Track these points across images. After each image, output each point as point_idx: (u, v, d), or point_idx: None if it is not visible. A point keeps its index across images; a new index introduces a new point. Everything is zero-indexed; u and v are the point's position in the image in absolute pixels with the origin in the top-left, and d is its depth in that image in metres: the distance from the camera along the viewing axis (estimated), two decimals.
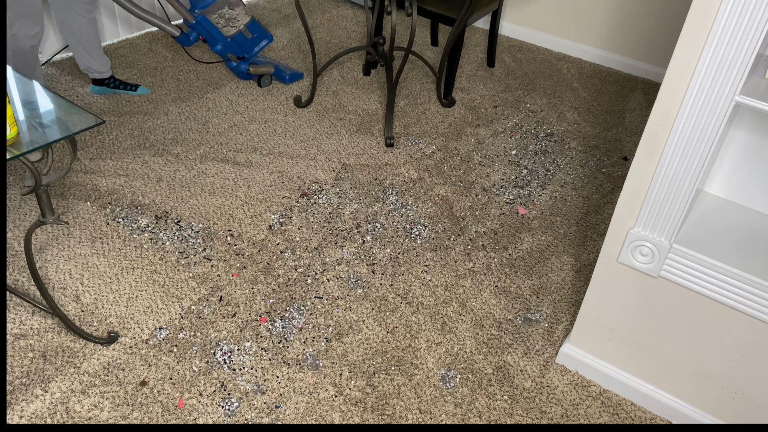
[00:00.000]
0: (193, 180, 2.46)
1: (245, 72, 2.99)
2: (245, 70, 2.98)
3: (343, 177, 2.55)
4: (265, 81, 3.06)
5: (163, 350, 1.83)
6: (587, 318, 1.81)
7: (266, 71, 3.02)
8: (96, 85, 2.87)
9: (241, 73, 3.01)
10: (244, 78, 3.07)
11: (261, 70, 3.01)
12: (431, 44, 3.63)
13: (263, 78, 3.04)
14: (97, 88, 2.88)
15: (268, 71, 3.03)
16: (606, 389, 1.85)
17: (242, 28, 2.88)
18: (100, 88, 2.87)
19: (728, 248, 1.53)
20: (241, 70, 2.98)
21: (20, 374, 1.72)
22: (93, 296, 1.96)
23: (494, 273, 2.19)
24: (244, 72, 2.99)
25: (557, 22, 3.61)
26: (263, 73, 3.02)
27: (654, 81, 3.44)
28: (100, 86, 2.87)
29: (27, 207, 2.25)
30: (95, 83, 2.86)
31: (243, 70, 2.98)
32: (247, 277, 2.08)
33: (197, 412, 1.68)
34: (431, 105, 3.06)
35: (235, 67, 2.98)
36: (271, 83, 3.08)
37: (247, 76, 3.05)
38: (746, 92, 1.31)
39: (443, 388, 1.80)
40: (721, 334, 1.59)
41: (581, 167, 2.75)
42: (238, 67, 2.98)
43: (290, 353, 1.85)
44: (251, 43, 2.97)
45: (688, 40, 1.33)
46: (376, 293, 2.07)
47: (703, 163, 1.42)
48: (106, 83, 2.86)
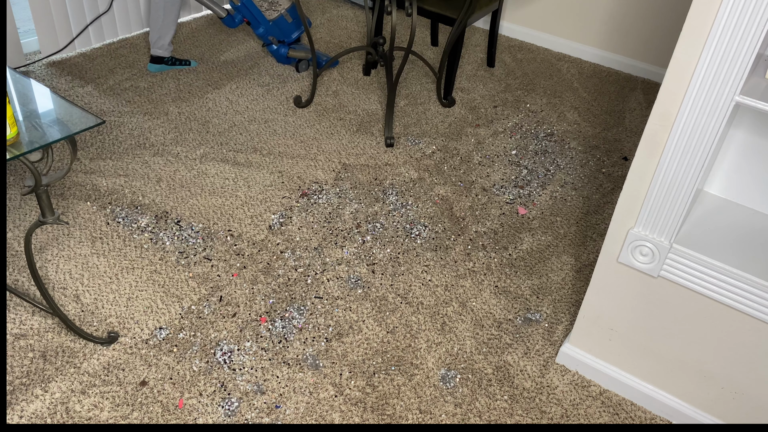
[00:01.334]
0: (193, 180, 2.46)
1: (284, 55, 3.06)
2: (285, 53, 3.05)
3: (343, 177, 2.55)
4: (303, 66, 3.16)
5: (163, 350, 1.83)
6: (587, 318, 1.81)
7: (305, 55, 3.12)
8: (155, 63, 3.07)
9: (280, 57, 3.07)
10: (283, 62, 3.13)
11: (300, 54, 3.10)
12: (431, 44, 3.63)
13: (301, 63, 3.15)
14: (155, 66, 3.07)
15: (307, 56, 3.12)
16: (606, 389, 1.85)
17: (283, 12, 2.96)
18: (158, 66, 3.08)
19: (728, 248, 1.53)
20: (281, 53, 3.05)
21: (20, 374, 1.72)
22: (93, 296, 1.96)
23: (494, 273, 2.19)
24: (284, 55, 3.06)
25: (557, 22, 3.61)
26: (302, 57, 3.11)
27: (654, 81, 3.44)
28: (159, 64, 3.07)
29: (27, 207, 2.25)
30: (154, 61, 3.07)
31: (283, 54, 3.05)
32: (247, 277, 2.08)
33: (197, 412, 1.68)
34: (431, 105, 3.06)
35: (275, 50, 3.04)
36: (308, 68, 3.19)
37: (286, 60, 3.11)
38: (746, 92, 1.31)
39: (443, 388, 1.80)
40: (721, 334, 1.59)
41: (581, 167, 2.75)
42: (278, 51, 3.04)
43: (290, 353, 1.85)
44: (291, 28, 3.05)
45: (688, 40, 1.33)
46: (376, 293, 2.07)
47: (703, 163, 1.42)
48: (165, 61, 3.08)
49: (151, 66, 3.07)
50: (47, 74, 2.97)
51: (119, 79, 3.01)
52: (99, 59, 3.14)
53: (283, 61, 3.14)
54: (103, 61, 3.13)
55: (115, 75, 3.03)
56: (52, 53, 3.08)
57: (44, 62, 3.05)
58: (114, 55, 3.20)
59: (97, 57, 3.16)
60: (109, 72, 3.05)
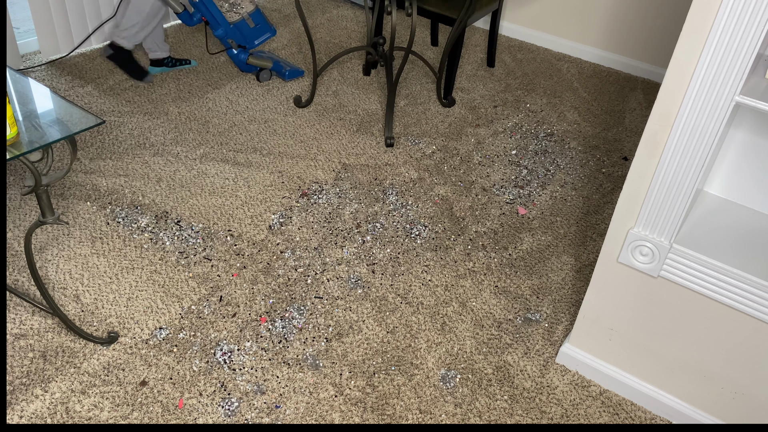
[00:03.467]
0: (193, 180, 2.46)
1: (244, 62, 2.98)
2: (244, 59, 2.97)
3: (343, 177, 2.55)
4: (264, 75, 3.05)
5: (163, 350, 1.83)
6: (587, 318, 1.81)
7: (265, 64, 3.02)
8: (155, 66, 3.05)
9: (240, 63, 3.00)
10: (243, 68, 3.05)
11: (260, 63, 3.00)
12: (431, 44, 3.63)
13: (262, 72, 3.04)
14: (156, 68, 3.05)
15: (267, 65, 3.02)
16: (606, 389, 1.85)
17: (245, 15, 2.87)
18: (159, 68, 3.05)
19: (728, 248, 1.53)
20: (241, 59, 2.97)
21: (20, 374, 1.72)
22: (93, 296, 1.96)
23: (494, 273, 2.19)
24: (243, 62, 2.98)
25: (557, 22, 3.61)
26: (262, 66, 3.01)
27: (654, 81, 3.44)
28: (160, 66, 3.05)
29: (27, 207, 2.25)
30: (154, 64, 3.05)
31: (242, 60, 2.97)
32: (247, 277, 2.08)
33: (197, 412, 1.68)
34: (431, 105, 3.06)
35: (235, 55, 2.97)
36: (270, 78, 3.08)
37: (246, 67, 3.03)
38: (746, 92, 1.31)
39: (443, 388, 1.80)
40: (721, 334, 1.59)
41: (581, 167, 2.75)
42: (238, 56, 2.97)
43: (290, 353, 1.85)
44: (253, 33, 2.95)
45: (688, 40, 1.33)
46: (376, 293, 2.07)
47: (703, 163, 1.42)
48: (165, 63, 3.05)
49: (151, 69, 3.06)
50: (47, 74, 2.97)
51: (119, 79, 3.01)
52: (99, 59, 3.14)
53: (243, 68, 3.05)
54: (103, 61, 3.13)
55: (115, 75, 3.03)
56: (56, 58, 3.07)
57: (44, 62, 3.05)
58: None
59: (97, 57, 3.16)
60: (109, 72, 3.05)
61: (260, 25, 2.95)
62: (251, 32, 2.95)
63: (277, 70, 3.07)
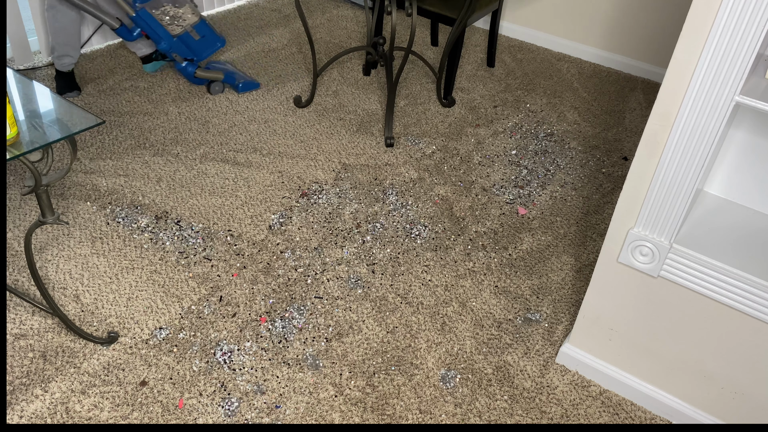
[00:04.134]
0: (193, 180, 2.46)
1: (192, 75, 2.89)
2: (192, 72, 2.88)
3: (343, 177, 2.55)
4: (215, 88, 2.94)
5: (163, 350, 1.83)
6: (587, 318, 1.81)
7: (215, 77, 2.91)
8: (146, 63, 3.02)
9: (188, 76, 2.91)
10: (193, 82, 2.96)
11: (209, 75, 2.90)
12: (431, 44, 3.63)
13: (213, 84, 2.93)
14: (149, 66, 3.02)
15: (217, 77, 2.91)
16: (606, 389, 1.85)
17: (188, 28, 2.76)
18: (151, 64, 3.02)
19: (728, 248, 1.53)
20: (188, 72, 2.88)
21: (20, 374, 1.72)
22: (93, 296, 1.96)
23: (494, 273, 2.19)
24: (191, 75, 2.89)
25: (557, 22, 3.61)
26: (212, 79, 2.91)
27: (654, 81, 3.44)
28: (150, 62, 3.02)
29: (27, 207, 2.25)
30: (145, 61, 3.03)
31: (190, 73, 2.89)
32: (247, 277, 2.08)
33: (197, 412, 1.68)
34: (431, 105, 3.06)
35: (183, 68, 2.88)
36: (223, 91, 2.97)
37: (195, 80, 2.94)
38: (746, 92, 1.31)
39: (443, 388, 1.80)
40: (721, 334, 1.59)
41: (581, 167, 2.75)
42: (186, 69, 2.88)
43: (290, 353, 1.85)
44: (199, 45, 2.85)
45: (688, 40, 1.33)
46: (376, 293, 2.07)
47: (703, 163, 1.42)
48: (154, 57, 3.01)
49: (145, 67, 3.04)
50: (47, 74, 2.97)
51: (119, 79, 3.01)
52: (99, 59, 3.14)
53: (192, 81, 2.95)
54: (103, 61, 3.13)
55: (115, 75, 3.03)
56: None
57: (45, 62, 3.05)
58: (114, 55, 3.19)
59: (97, 57, 3.16)
60: (109, 72, 3.05)
61: (207, 37, 2.85)
62: (197, 44, 2.84)
63: (230, 82, 2.96)
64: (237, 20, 3.68)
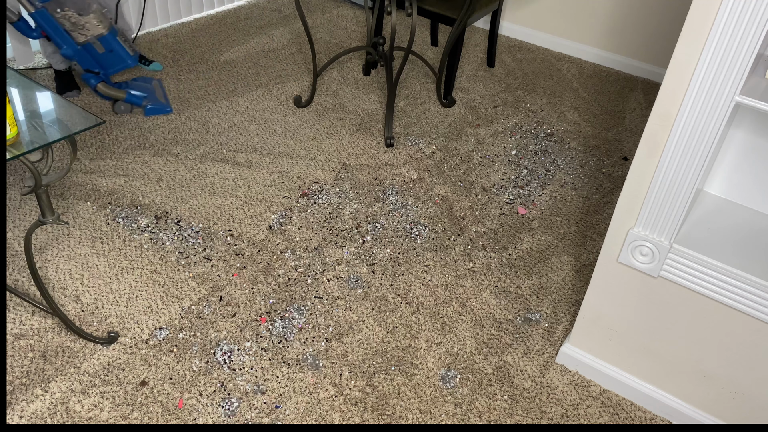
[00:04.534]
0: (193, 180, 2.46)
1: (94, 87, 2.71)
2: (93, 85, 2.70)
3: (343, 177, 2.55)
4: (119, 107, 2.75)
5: (163, 350, 1.83)
6: (587, 318, 1.81)
7: (117, 96, 2.73)
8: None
9: (92, 88, 2.72)
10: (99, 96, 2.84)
11: (110, 93, 2.71)
12: (431, 44, 3.63)
13: (116, 103, 2.75)
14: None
15: (119, 96, 2.73)
16: (606, 389, 1.85)
17: (91, 38, 2.58)
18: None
19: (728, 248, 1.53)
20: (90, 84, 2.70)
21: (20, 374, 1.72)
22: (93, 296, 1.96)
23: (494, 273, 2.19)
24: (93, 88, 2.72)
25: (557, 22, 3.61)
26: (113, 97, 2.73)
27: (654, 81, 3.44)
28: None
29: (27, 207, 2.25)
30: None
31: (92, 85, 2.70)
32: (247, 277, 2.08)
33: (197, 412, 1.68)
34: (431, 105, 3.06)
35: (86, 78, 2.70)
36: (130, 111, 2.77)
37: (99, 95, 2.80)
38: (746, 92, 1.31)
39: (443, 388, 1.80)
40: (721, 334, 1.59)
41: (581, 167, 2.75)
42: (88, 80, 2.69)
43: (290, 353, 1.85)
44: (104, 59, 2.67)
45: (688, 40, 1.33)
46: (376, 293, 2.07)
47: (703, 163, 1.42)
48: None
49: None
50: (47, 74, 2.97)
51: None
52: None
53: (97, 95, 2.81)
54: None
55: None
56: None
57: (44, 62, 3.05)
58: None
59: None
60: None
61: (115, 51, 2.66)
62: (103, 58, 2.67)
63: (135, 102, 2.76)
64: (237, 20, 3.68)
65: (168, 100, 2.85)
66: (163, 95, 2.87)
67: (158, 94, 2.86)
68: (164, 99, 2.84)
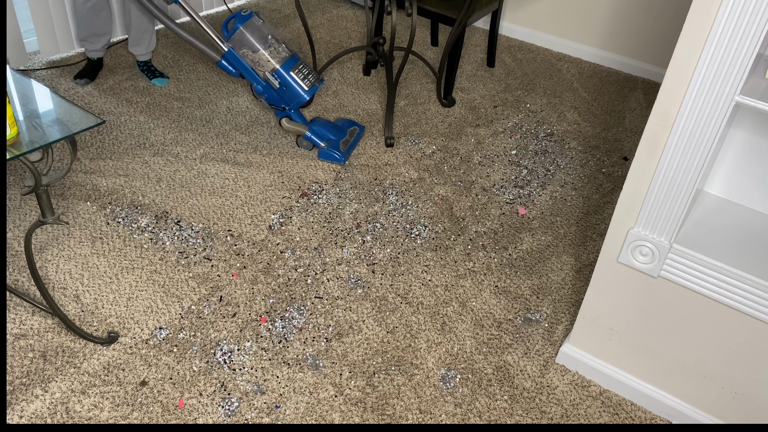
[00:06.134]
0: (193, 180, 2.46)
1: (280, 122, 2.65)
2: (279, 119, 2.65)
3: (343, 177, 2.55)
4: (302, 142, 2.67)
5: (163, 350, 1.83)
6: (587, 318, 1.81)
7: (298, 130, 2.63)
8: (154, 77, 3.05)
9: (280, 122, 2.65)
10: None
11: (293, 128, 2.63)
12: (431, 44, 3.63)
13: (299, 138, 2.67)
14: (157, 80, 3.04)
15: (299, 131, 2.63)
16: (606, 389, 1.85)
17: (266, 74, 2.52)
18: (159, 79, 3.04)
19: (728, 248, 1.53)
20: (278, 117, 2.66)
21: (20, 374, 1.72)
22: (93, 296, 1.96)
23: (494, 273, 2.19)
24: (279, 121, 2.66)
25: (557, 22, 3.61)
26: (296, 132, 2.65)
27: (654, 81, 3.44)
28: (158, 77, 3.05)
29: (27, 207, 2.25)
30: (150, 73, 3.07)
31: (279, 118, 2.66)
32: (247, 277, 2.08)
33: (197, 412, 1.68)
34: (431, 105, 3.06)
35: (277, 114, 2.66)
36: (312, 149, 2.68)
37: None
38: (746, 92, 1.31)
39: (443, 388, 1.80)
40: (721, 334, 1.59)
41: (581, 167, 2.75)
42: (277, 114, 2.66)
43: (290, 353, 1.85)
44: (279, 95, 2.57)
45: (688, 40, 1.33)
46: (376, 293, 2.07)
47: (703, 163, 1.42)
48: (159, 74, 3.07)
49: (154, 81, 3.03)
50: (47, 74, 2.97)
51: (119, 79, 3.01)
52: None
53: None
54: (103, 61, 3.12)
55: (115, 75, 3.03)
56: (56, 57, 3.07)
57: (44, 62, 3.05)
58: (114, 55, 3.19)
59: None
60: (109, 72, 3.05)
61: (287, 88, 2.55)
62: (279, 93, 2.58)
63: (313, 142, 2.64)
64: None
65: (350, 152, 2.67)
66: (350, 145, 2.67)
67: (344, 140, 2.67)
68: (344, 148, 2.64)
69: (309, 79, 2.57)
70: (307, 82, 2.56)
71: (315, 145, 2.65)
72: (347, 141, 2.68)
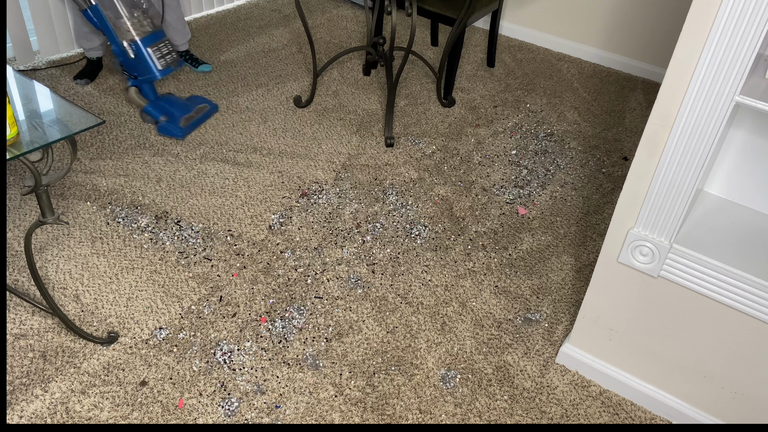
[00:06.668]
0: (193, 180, 2.46)
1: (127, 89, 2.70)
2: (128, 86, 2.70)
3: (343, 177, 2.55)
4: (145, 117, 2.71)
5: (163, 350, 1.83)
6: (587, 318, 1.81)
7: (138, 102, 2.69)
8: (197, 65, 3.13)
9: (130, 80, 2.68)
10: None
11: (135, 99, 2.68)
12: (431, 44, 3.63)
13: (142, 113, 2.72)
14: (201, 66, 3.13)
15: (138, 104, 2.70)
16: (606, 389, 1.85)
17: (124, 43, 2.53)
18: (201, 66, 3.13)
19: (728, 248, 1.53)
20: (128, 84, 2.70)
21: (20, 374, 1.72)
22: (93, 296, 1.96)
23: (494, 273, 2.19)
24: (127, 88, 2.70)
25: (557, 22, 3.61)
26: (137, 105, 2.70)
27: (654, 81, 3.44)
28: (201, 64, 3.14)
29: (27, 207, 2.25)
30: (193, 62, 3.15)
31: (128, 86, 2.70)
32: (247, 277, 2.08)
33: (197, 412, 1.68)
34: (431, 105, 3.06)
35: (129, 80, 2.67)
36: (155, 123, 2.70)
37: None
38: (746, 92, 1.31)
39: (443, 388, 1.80)
40: (721, 334, 1.59)
41: (581, 167, 2.75)
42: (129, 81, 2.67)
43: (290, 353, 1.85)
44: (132, 65, 2.59)
45: (688, 40, 1.33)
46: (376, 293, 2.07)
47: (703, 163, 1.42)
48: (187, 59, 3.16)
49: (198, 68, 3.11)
50: (47, 74, 2.97)
51: (119, 79, 3.01)
52: None
53: None
54: (104, 61, 3.12)
55: (115, 75, 3.03)
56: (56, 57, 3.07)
57: (44, 62, 3.05)
58: (114, 54, 3.19)
59: None
60: (109, 72, 3.05)
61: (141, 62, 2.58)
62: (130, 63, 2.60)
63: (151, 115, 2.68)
64: (237, 20, 3.68)
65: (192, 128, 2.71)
66: (195, 122, 2.72)
67: (188, 116, 2.70)
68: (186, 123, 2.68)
69: (165, 59, 2.61)
70: (162, 61, 2.60)
71: (154, 119, 2.68)
72: (191, 117, 2.71)
